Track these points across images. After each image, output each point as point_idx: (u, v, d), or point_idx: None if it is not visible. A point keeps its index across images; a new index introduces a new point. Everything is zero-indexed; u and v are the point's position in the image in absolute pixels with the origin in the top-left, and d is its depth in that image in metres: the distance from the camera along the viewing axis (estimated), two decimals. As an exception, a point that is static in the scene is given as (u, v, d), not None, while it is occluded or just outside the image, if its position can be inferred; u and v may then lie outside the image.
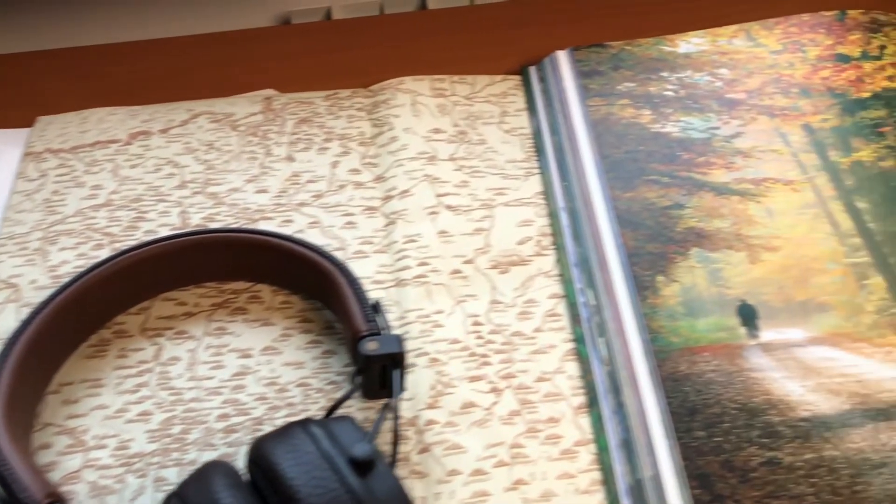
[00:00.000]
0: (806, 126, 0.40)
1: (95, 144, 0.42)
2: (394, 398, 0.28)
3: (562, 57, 0.46)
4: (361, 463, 0.24)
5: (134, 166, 0.41)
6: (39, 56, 0.48)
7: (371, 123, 0.44)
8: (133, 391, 0.33)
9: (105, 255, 0.36)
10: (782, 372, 0.31)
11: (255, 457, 0.25)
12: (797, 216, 0.36)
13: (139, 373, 0.33)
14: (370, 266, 0.38)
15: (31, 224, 0.39)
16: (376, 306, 0.31)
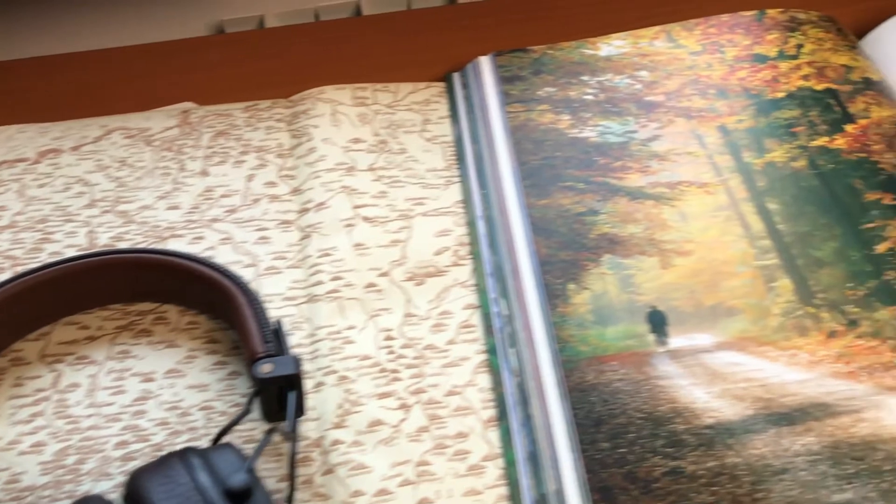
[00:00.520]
0: (722, 127, 0.40)
1: (2, 164, 0.41)
2: (287, 422, 0.27)
3: (484, 63, 0.46)
4: (237, 494, 0.23)
5: (42, 186, 0.40)
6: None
7: (290, 134, 0.43)
8: (27, 421, 0.32)
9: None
10: (689, 379, 0.31)
11: (129, 490, 0.24)
12: (710, 219, 0.36)
13: (35, 401, 0.32)
14: (282, 282, 0.37)
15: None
16: (277, 326, 0.31)
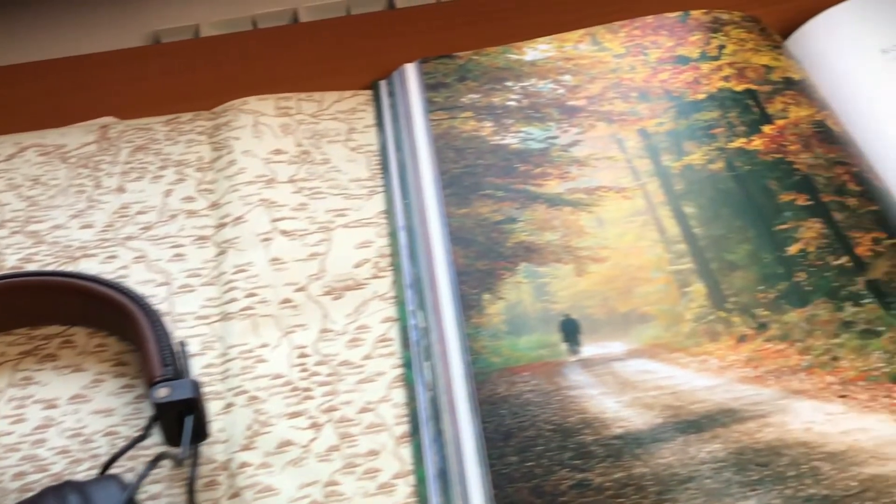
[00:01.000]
0: (642, 131, 0.40)
1: None
2: (182, 447, 0.26)
3: (410, 70, 0.45)
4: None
5: (-50, 207, 0.39)
6: None
7: (211, 147, 0.43)
8: (-78, 454, 0.31)
9: None
10: (600, 388, 0.30)
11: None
12: (626, 225, 0.35)
13: (-69, 433, 0.31)
14: (196, 300, 0.36)
15: None
16: (180, 348, 0.30)
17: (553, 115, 0.41)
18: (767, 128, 0.39)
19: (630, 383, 0.30)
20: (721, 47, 0.43)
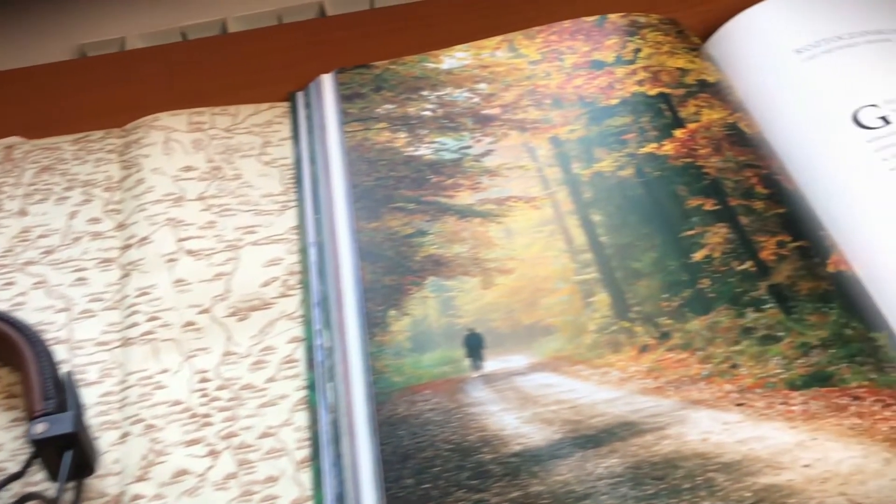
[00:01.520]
0: (554, 139, 0.39)
1: None
2: (59, 485, 0.25)
3: (326, 80, 0.45)
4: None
5: None
6: None
7: (120, 166, 0.41)
8: None
9: None
10: (501, 404, 0.30)
11: None
12: (534, 235, 0.35)
13: None
14: (97, 326, 0.35)
15: None
16: (66, 379, 0.29)
17: (467, 125, 0.41)
18: (679, 132, 0.39)
19: (531, 398, 0.30)
20: (637, 51, 0.43)
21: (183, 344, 0.34)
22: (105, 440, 0.31)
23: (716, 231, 0.34)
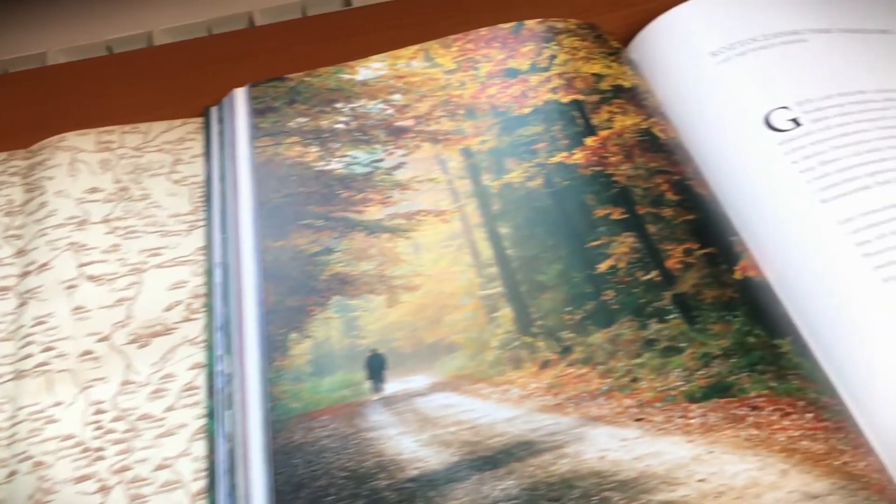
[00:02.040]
0: (465, 150, 0.39)
1: None
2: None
3: (239, 94, 0.44)
4: None
5: None
6: None
7: (24, 189, 0.40)
8: None
9: None
10: (399, 427, 0.29)
11: None
12: (442, 249, 0.34)
13: None
14: (-11, 358, 0.34)
15: None
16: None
17: (380, 137, 0.40)
18: (590, 140, 0.38)
19: (431, 420, 0.29)
20: (552, 57, 0.43)
21: (79, 374, 0.33)
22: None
23: (622, 241, 0.34)
